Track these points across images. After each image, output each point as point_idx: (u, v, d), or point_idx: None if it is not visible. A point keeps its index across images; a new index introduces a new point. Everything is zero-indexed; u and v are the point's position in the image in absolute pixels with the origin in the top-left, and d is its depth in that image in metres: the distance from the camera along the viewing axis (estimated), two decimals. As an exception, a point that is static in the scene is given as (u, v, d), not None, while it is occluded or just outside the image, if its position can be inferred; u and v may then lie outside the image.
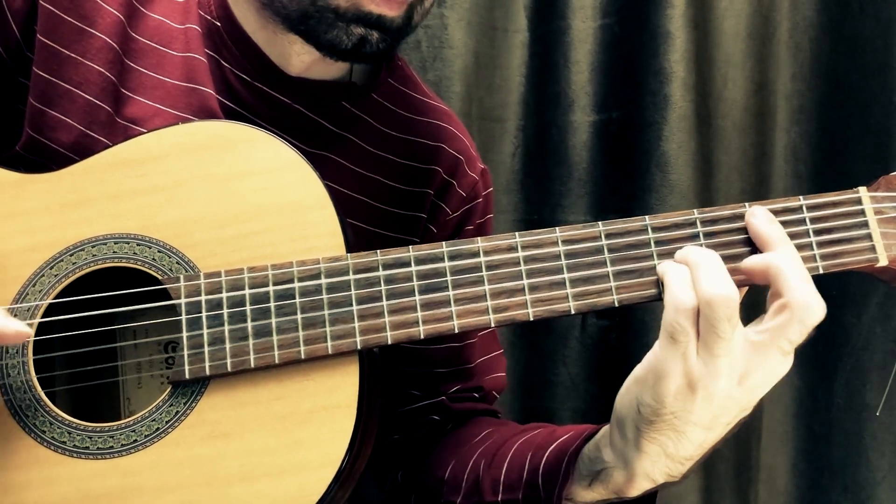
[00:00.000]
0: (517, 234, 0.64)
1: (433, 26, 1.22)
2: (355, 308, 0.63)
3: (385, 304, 0.63)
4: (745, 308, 0.59)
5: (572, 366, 1.26)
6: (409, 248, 0.64)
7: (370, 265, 0.64)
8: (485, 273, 0.63)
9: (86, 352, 0.69)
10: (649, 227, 0.63)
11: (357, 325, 0.62)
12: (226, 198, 0.66)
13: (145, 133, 0.69)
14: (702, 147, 1.24)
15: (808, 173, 1.28)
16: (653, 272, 0.63)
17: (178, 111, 0.76)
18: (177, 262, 0.65)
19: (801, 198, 0.64)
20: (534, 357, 1.28)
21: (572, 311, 0.63)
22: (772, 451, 1.29)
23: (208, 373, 0.62)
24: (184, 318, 0.63)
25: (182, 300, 0.63)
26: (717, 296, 0.57)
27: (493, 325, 0.63)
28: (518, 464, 0.74)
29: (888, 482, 1.24)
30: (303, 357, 0.62)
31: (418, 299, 0.63)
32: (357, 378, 0.63)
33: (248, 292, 0.63)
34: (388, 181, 0.85)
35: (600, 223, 0.64)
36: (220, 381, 0.63)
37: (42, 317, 0.65)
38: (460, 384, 0.89)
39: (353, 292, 0.63)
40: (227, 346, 0.62)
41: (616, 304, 0.63)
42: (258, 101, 0.79)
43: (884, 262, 0.64)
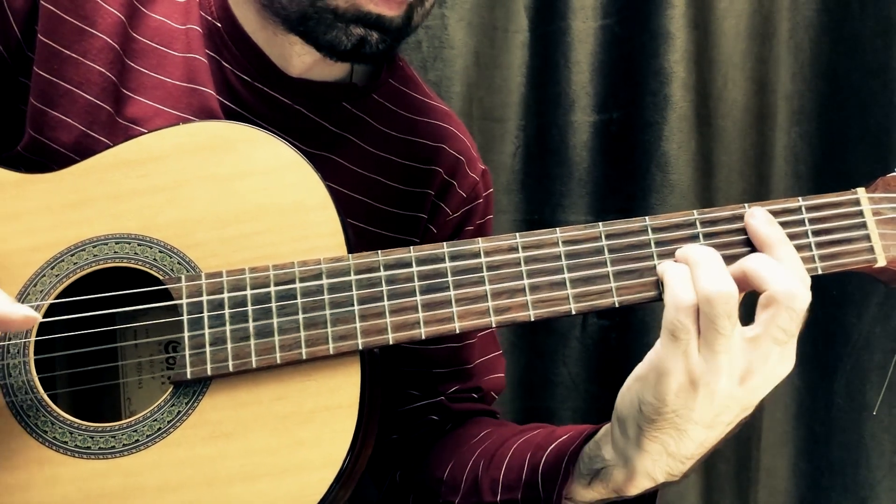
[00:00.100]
0: (518, 234, 0.64)
1: (434, 27, 1.22)
2: (357, 308, 0.63)
3: (386, 304, 0.63)
4: (745, 308, 0.59)
5: (573, 366, 1.26)
6: (411, 248, 0.64)
7: (371, 265, 0.64)
8: (486, 273, 0.63)
9: (87, 352, 0.69)
10: (650, 228, 0.63)
11: (358, 325, 0.63)
12: (227, 198, 0.66)
13: (146, 133, 0.69)
14: (702, 147, 1.24)
15: (807, 174, 1.28)
16: (653, 273, 0.63)
17: (178, 111, 0.76)
18: (178, 263, 0.65)
19: (800, 199, 0.64)
20: (534, 357, 1.28)
21: (573, 311, 0.63)
22: (772, 451, 1.29)
23: (210, 373, 0.62)
24: (185, 318, 0.63)
25: (184, 300, 0.63)
26: (716, 292, 0.57)
27: (494, 325, 0.63)
28: (517, 464, 0.74)
29: (888, 482, 1.24)
30: (304, 357, 0.62)
31: (419, 300, 0.63)
32: (358, 378, 0.63)
33: (249, 292, 0.63)
34: (388, 181, 0.85)
35: (601, 224, 0.64)
36: (222, 381, 0.63)
37: (43, 317, 0.65)
38: (459, 384, 0.89)
39: (355, 293, 0.63)
40: (229, 346, 0.62)
41: (616, 304, 0.63)
42: (259, 101, 0.79)
43: (882, 262, 0.64)
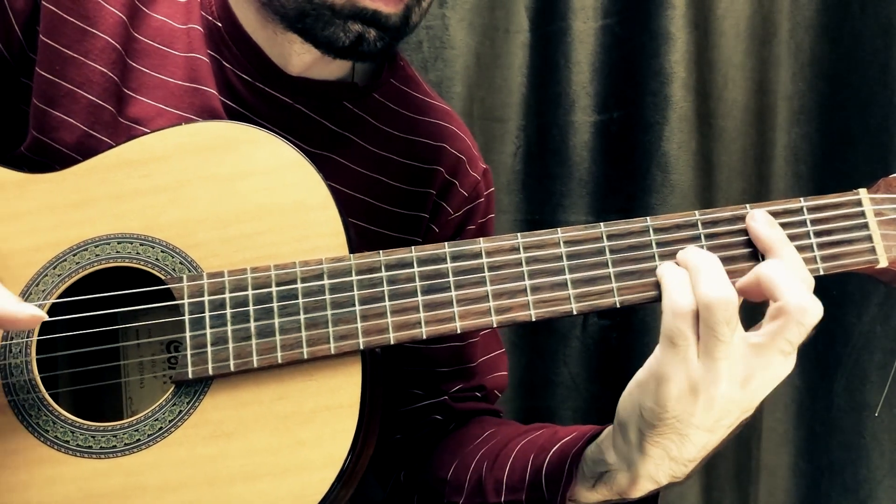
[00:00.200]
0: (519, 234, 0.64)
1: (435, 27, 1.22)
2: (358, 308, 0.63)
3: (388, 304, 0.63)
4: (745, 311, 0.59)
5: (573, 365, 1.26)
6: (412, 248, 0.64)
7: (373, 265, 0.64)
8: (487, 274, 0.63)
9: (89, 351, 0.69)
10: (651, 229, 0.64)
11: (360, 325, 0.63)
12: (228, 198, 0.66)
13: (148, 133, 0.69)
14: (702, 147, 1.24)
15: (808, 174, 1.28)
16: (654, 273, 0.63)
17: (180, 111, 0.77)
18: (180, 263, 0.65)
19: (802, 199, 0.64)
20: (535, 357, 1.28)
21: (574, 311, 0.63)
22: (772, 451, 1.30)
23: (211, 373, 0.62)
24: (187, 318, 0.63)
25: (185, 300, 0.63)
26: (715, 299, 0.57)
27: (495, 325, 0.63)
28: (520, 465, 0.74)
29: (888, 482, 1.24)
30: (305, 357, 0.62)
31: (421, 300, 0.63)
32: (360, 378, 0.63)
33: (251, 292, 0.63)
34: (390, 181, 0.85)
35: (602, 224, 0.64)
36: (223, 381, 0.63)
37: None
38: (462, 383, 0.89)
39: (356, 293, 0.63)
40: (230, 346, 0.62)
41: (617, 304, 0.63)
42: (259, 101, 0.79)
43: (884, 263, 0.65)
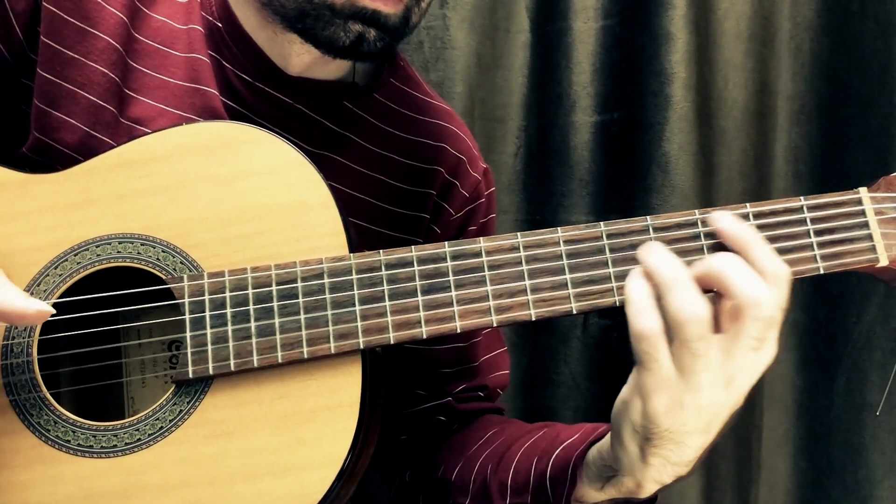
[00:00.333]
0: (519, 234, 0.64)
1: (435, 27, 1.22)
2: (358, 308, 0.63)
3: (388, 304, 0.63)
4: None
5: (574, 365, 1.26)
6: (412, 248, 0.64)
7: (373, 265, 0.64)
8: (487, 273, 0.63)
9: (90, 351, 0.69)
10: (651, 228, 0.64)
11: (360, 324, 0.63)
12: (229, 198, 0.66)
13: (149, 133, 0.69)
14: (703, 147, 1.24)
15: (808, 174, 1.29)
16: None
17: (181, 111, 0.77)
18: (180, 262, 0.65)
19: (802, 198, 0.64)
20: (535, 356, 1.28)
21: (574, 311, 0.63)
22: (772, 451, 1.30)
23: (212, 372, 0.62)
24: (187, 317, 0.63)
25: (186, 300, 0.63)
26: (687, 318, 0.56)
27: (495, 324, 0.63)
28: (524, 469, 0.74)
29: (888, 481, 1.25)
30: (306, 356, 0.62)
31: (421, 299, 0.63)
32: (360, 377, 0.63)
33: (251, 292, 0.63)
34: (390, 181, 0.85)
35: (602, 223, 0.64)
36: (224, 381, 0.63)
37: (46, 316, 0.65)
38: (466, 383, 0.89)
39: (356, 292, 0.63)
40: (231, 345, 0.63)
41: (618, 304, 0.63)
42: (260, 101, 0.80)
43: (884, 262, 0.65)
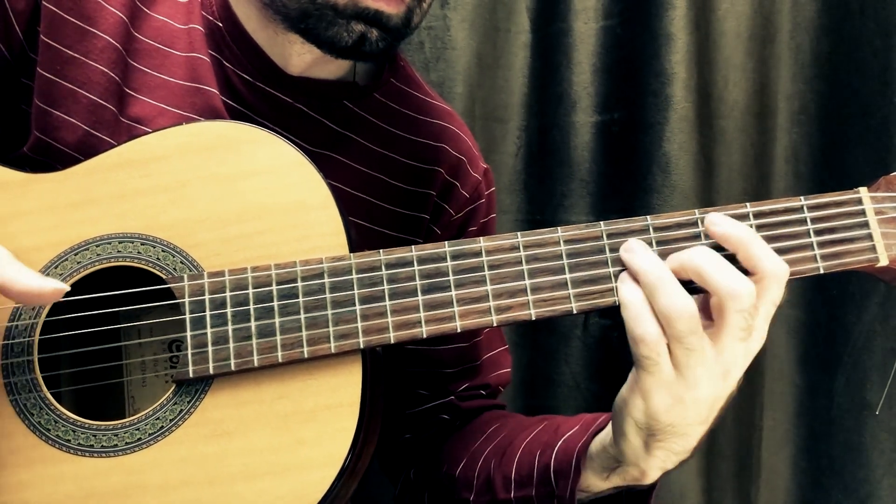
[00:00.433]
0: (519, 233, 0.64)
1: (436, 27, 1.22)
2: (358, 308, 0.63)
3: (388, 303, 0.63)
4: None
5: (574, 364, 1.26)
6: (412, 247, 0.64)
7: (373, 265, 0.64)
8: (487, 273, 0.63)
9: (90, 351, 0.69)
10: (651, 227, 0.64)
11: (360, 324, 0.63)
12: (229, 198, 0.66)
13: (149, 133, 0.69)
14: (703, 148, 1.24)
15: (808, 174, 1.29)
16: None
17: (182, 111, 0.77)
18: (181, 262, 0.65)
19: (802, 198, 0.64)
20: (536, 356, 1.28)
21: (574, 310, 0.63)
22: (772, 450, 1.30)
23: (212, 372, 0.62)
24: (188, 317, 0.63)
25: (186, 299, 0.63)
26: (678, 316, 0.57)
27: (495, 324, 0.63)
28: (527, 461, 0.75)
29: (888, 480, 1.25)
30: (306, 356, 0.62)
31: (421, 299, 0.63)
32: (360, 377, 0.63)
33: (251, 292, 0.63)
34: (391, 180, 0.85)
35: (602, 223, 0.64)
36: (224, 380, 0.63)
37: (47, 316, 0.65)
38: (468, 382, 0.90)
39: (356, 292, 0.63)
40: (231, 345, 0.63)
41: (618, 303, 0.62)
42: (260, 100, 0.80)
43: (884, 261, 0.65)
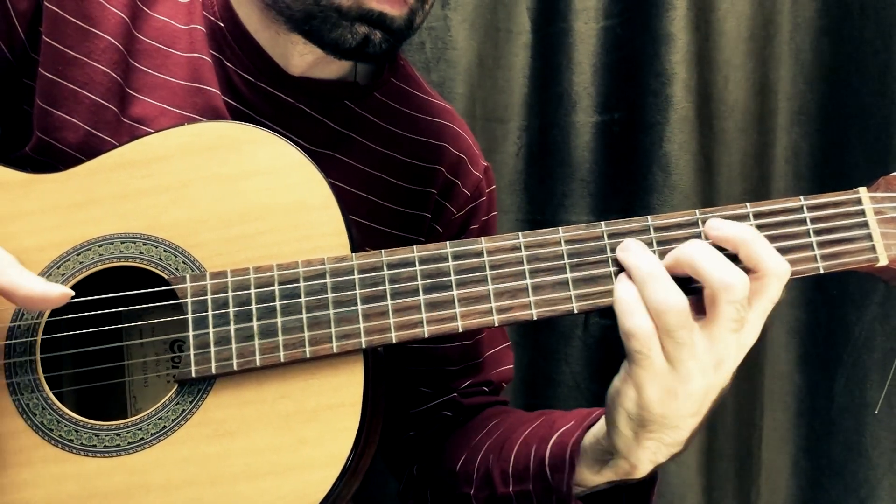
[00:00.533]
0: (520, 234, 0.64)
1: (437, 28, 1.23)
2: (360, 307, 0.63)
3: (389, 303, 0.63)
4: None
5: (575, 364, 1.26)
6: (414, 247, 0.64)
7: (375, 265, 0.64)
8: (488, 273, 0.64)
9: (93, 351, 0.69)
10: (651, 228, 0.64)
11: (362, 324, 0.63)
12: (231, 198, 0.66)
13: (151, 133, 0.69)
14: (703, 148, 1.24)
15: (808, 174, 1.29)
16: None
17: (183, 111, 0.77)
18: (183, 262, 0.65)
19: (802, 198, 0.65)
20: (536, 355, 1.28)
21: (575, 310, 0.63)
22: (773, 450, 1.30)
23: (214, 372, 0.62)
24: (190, 317, 0.63)
25: (188, 299, 0.64)
26: (666, 309, 0.58)
27: (496, 324, 0.63)
28: (524, 456, 0.76)
29: (888, 480, 1.25)
30: (308, 356, 0.62)
31: (422, 299, 0.63)
32: (362, 377, 0.63)
33: (253, 292, 0.63)
34: (392, 179, 0.86)
35: (603, 223, 0.64)
36: (226, 380, 0.63)
37: (49, 316, 0.65)
38: (470, 379, 0.90)
39: (358, 292, 0.63)
40: (233, 345, 0.63)
41: (617, 302, 0.63)
42: (261, 100, 0.80)
43: (884, 261, 0.65)
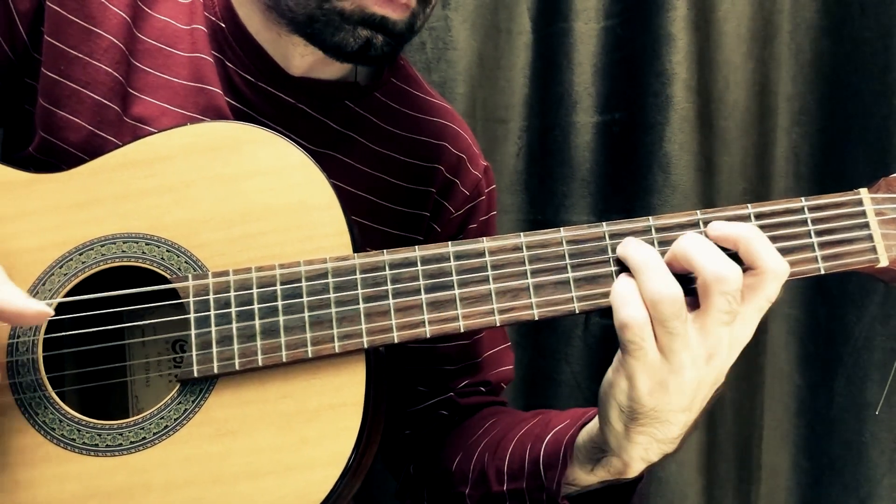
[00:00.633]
0: (522, 234, 0.64)
1: (438, 28, 1.23)
2: (362, 307, 0.63)
3: (391, 303, 0.63)
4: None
5: (575, 364, 1.26)
6: (416, 247, 0.64)
7: (377, 265, 0.64)
8: (490, 273, 0.64)
9: (95, 350, 0.69)
10: (653, 228, 0.64)
11: (364, 324, 0.63)
12: (233, 198, 0.67)
13: (153, 133, 0.70)
14: (703, 148, 1.24)
15: (808, 174, 1.29)
16: None
17: (185, 111, 0.77)
18: (185, 262, 0.65)
19: (803, 199, 0.65)
20: (537, 355, 1.28)
21: (577, 310, 0.63)
22: (773, 450, 1.30)
23: (216, 371, 0.63)
24: (192, 316, 0.63)
25: (190, 299, 0.64)
26: (660, 298, 0.58)
27: (498, 324, 0.63)
28: (519, 454, 0.76)
29: (888, 480, 1.25)
30: (310, 356, 0.63)
31: (424, 299, 0.63)
32: (363, 376, 0.63)
33: (255, 291, 0.64)
34: (392, 179, 0.86)
35: (604, 224, 0.64)
36: (228, 380, 0.63)
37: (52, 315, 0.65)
38: (468, 379, 0.90)
39: (360, 291, 0.64)
40: (235, 345, 0.63)
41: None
42: (262, 101, 0.80)
43: (884, 262, 0.65)
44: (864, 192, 0.66)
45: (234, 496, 0.61)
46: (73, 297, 0.65)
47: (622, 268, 0.63)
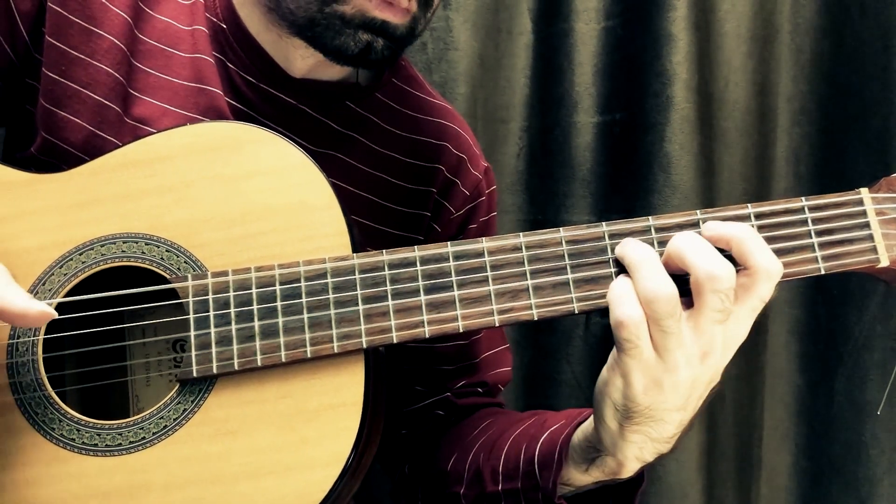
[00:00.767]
0: (521, 234, 0.64)
1: (438, 28, 1.23)
2: (361, 308, 0.63)
3: (391, 303, 0.63)
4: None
5: (576, 364, 1.26)
6: (415, 248, 0.64)
7: (376, 265, 0.64)
8: (489, 273, 0.64)
9: (95, 350, 0.69)
10: (653, 228, 0.64)
11: (363, 324, 0.63)
12: (233, 198, 0.67)
13: (154, 133, 0.70)
14: (704, 148, 1.24)
15: (809, 174, 1.29)
16: None
17: (186, 111, 0.77)
18: (185, 262, 0.66)
19: (804, 199, 0.65)
20: (537, 355, 1.28)
21: (576, 310, 0.63)
22: (773, 449, 1.30)
23: (216, 371, 0.63)
24: (191, 316, 0.63)
25: (190, 299, 0.64)
26: (656, 297, 0.58)
27: (497, 324, 0.63)
28: (514, 454, 0.76)
29: (888, 480, 1.25)
30: (309, 356, 0.63)
31: (423, 299, 0.63)
32: (363, 376, 0.63)
33: (255, 291, 0.64)
34: (393, 179, 0.86)
35: (604, 224, 0.64)
36: (228, 379, 0.63)
37: (52, 315, 0.65)
38: (465, 380, 0.90)
39: (359, 292, 0.64)
40: (235, 345, 0.63)
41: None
42: (263, 101, 0.80)
43: (885, 262, 0.65)
44: (864, 192, 0.66)
45: (233, 496, 0.61)
46: (73, 297, 0.66)
47: (621, 268, 0.63)
